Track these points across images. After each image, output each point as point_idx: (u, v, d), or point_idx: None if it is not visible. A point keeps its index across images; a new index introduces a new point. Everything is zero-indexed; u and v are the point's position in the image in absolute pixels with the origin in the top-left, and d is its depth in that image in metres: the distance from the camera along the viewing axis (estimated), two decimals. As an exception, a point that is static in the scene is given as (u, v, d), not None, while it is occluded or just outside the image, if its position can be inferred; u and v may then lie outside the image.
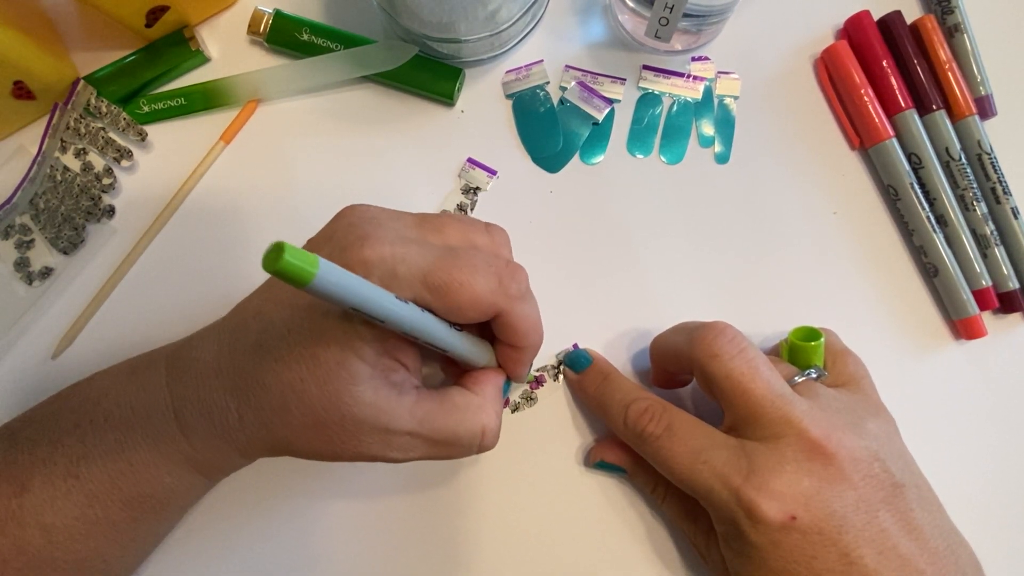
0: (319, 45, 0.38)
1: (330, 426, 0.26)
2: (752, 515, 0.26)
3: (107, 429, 0.28)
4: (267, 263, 0.19)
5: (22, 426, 0.29)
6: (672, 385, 0.35)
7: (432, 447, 0.28)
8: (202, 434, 0.28)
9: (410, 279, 0.25)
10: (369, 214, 0.27)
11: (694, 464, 0.28)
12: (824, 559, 0.26)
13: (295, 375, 0.26)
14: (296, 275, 0.19)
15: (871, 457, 0.27)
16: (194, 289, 0.37)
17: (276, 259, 0.19)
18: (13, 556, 0.27)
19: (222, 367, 0.27)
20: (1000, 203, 0.38)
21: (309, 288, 0.20)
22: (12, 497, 0.27)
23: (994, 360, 0.38)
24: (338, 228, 0.27)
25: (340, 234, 0.27)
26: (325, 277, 0.20)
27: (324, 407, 0.26)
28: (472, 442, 0.28)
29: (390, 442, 0.27)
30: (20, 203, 0.36)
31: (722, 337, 0.29)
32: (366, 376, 0.26)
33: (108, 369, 0.31)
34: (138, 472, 0.28)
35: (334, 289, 0.21)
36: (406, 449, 0.27)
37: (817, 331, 0.32)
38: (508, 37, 0.38)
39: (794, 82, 0.40)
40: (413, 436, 0.27)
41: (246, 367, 0.27)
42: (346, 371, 0.25)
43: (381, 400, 0.26)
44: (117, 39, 0.38)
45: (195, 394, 0.28)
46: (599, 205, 0.38)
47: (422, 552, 0.35)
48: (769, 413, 0.27)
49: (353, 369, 0.25)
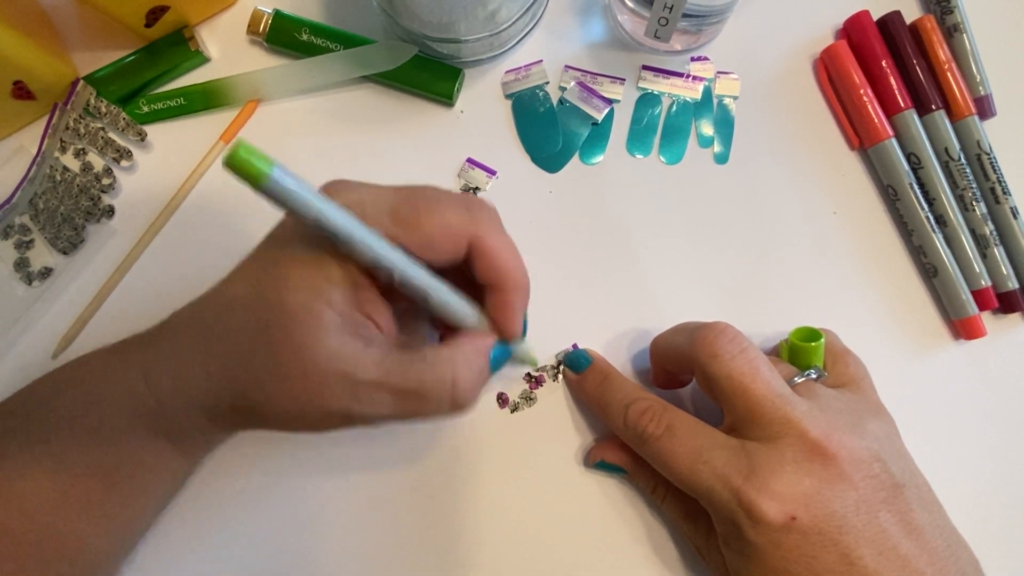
0: (319, 45, 0.38)
1: (294, 378, 0.25)
2: (752, 515, 0.26)
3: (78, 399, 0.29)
4: (225, 158, 0.18)
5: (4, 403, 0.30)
6: (672, 385, 0.35)
7: (400, 401, 0.26)
8: (169, 395, 0.27)
9: (377, 215, 0.25)
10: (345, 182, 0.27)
11: (694, 464, 0.28)
12: (824, 559, 0.26)
13: (259, 320, 0.25)
14: (250, 171, 0.19)
15: (871, 457, 0.27)
16: (194, 289, 0.37)
17: (232, 154, 0.18)
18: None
19: (192, 328, 0.28)
20: (999, 203, 0.38)
21: (264, 187, 0.19)
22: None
23: (994, 360, 0.38)
24: None
25: None
26: (281, 179, 0.20)
27: (288, 354, 0.25)
28: (442, 395, 0.26)
29: (356, 394, 0.25)
30: (20, 203, 0.36)
31: (723, 337, 0.29)
32: (333, 324, 0.25)
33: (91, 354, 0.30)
34: (109, 440, 0.28)
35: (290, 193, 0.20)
36: (373, 403, 0.25)
37: (817, 331, 0.32)
38: (508, 37, 0.38)
39: (794, 82, 0.40)
40: (379, 387, 0.25)
41: (213, 320, 0.27)
42: (312, 317, 0.24)
43: (347, 348, 0.25)
44: (117, 39, 0.38)
45: (165, 361, 0.28)
46: (598, 205, 0.38)
47: (421, 552, 0.35)
48: (769, 413, 0.27)
49: (319, 315, 0.24)
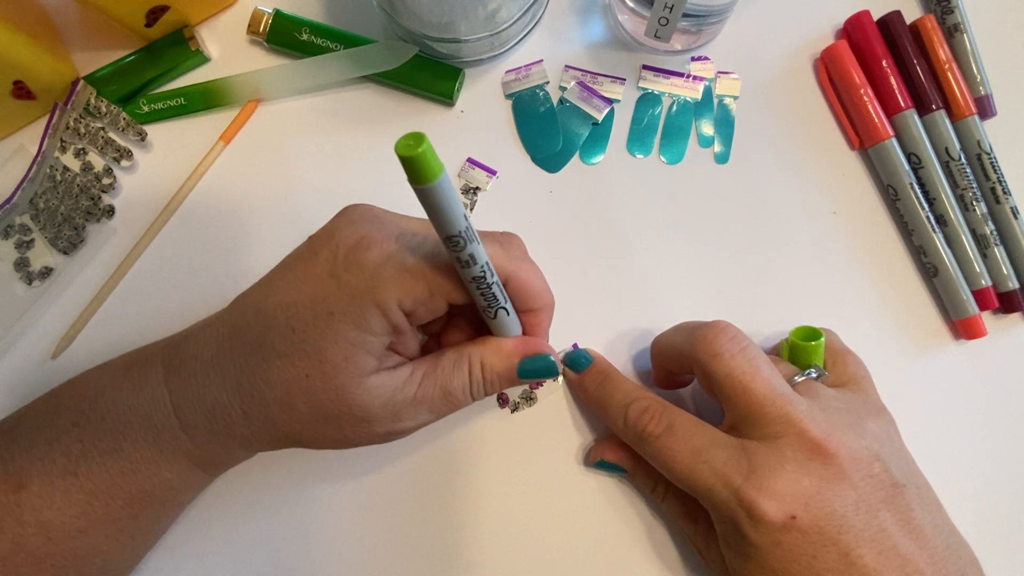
0: (319, 45, 0.38)
1: (339, 416, 0.27)
2: (752, 514, 0.26)
3: (105, 428, 0.28)
4: (403, 147, 0.19)
5: (17, 423, 0.29)
6: (674, 386, 0.35)
7: (435, 408, 0.29)
8: (204, 431, 0.28)
9: (419, 265, 0.26)
10: (372, 213, 0.28)
11: (694, 464, 0.28)
12: (824, 559, 0.26)
13: (300, 371, 0.26)
14: (427, 167, 0.19)
15: (871, 457, 0.27)
16: (194, 289, 0.37)
17: (416, 146, 0.19)
18: (11, 553, 0.27)
19: (223, 365, 0.27)
20: (1000, 203, 0.38)
21: (432, 187, 0.20)
22: (9, 494, 0.27)
23: (994, 360, 0.38)
24: (340, 225, 0.28)
25: (341, 232, 0.27)
26: (448, 184, 0.20)
27: (331, 400, 0.26)
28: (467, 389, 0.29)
29: (398, 415, 0.28)
30: (20, 203, 0.36)
31: (723, 335, 0.29)
32: (372, 369, 0.27)
33: (103, 365, 0.31)
34: (138, 470, 0.28)
35: (451, 201, 0.21)
36: (415, 418, 0.28)
37: (817, 331, 0.32)
38: (508, 37, 0.38)
39: (794, 82, 0.40)
40: (416, 403, 0.28)
41: (248, 365, 0.27)
42: (353, 366, 0.26)
43: (384, 382, 0.27)
44: (117, 39, 0.38)
45: (196, 393, 0.28)
46: (599, 205, 0.38)
47: (422, 553, 0.35)
48: (769, 412, 0.27)
49: (360, 364, 0.26)
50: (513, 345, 0.30)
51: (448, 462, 0.35)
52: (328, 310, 0.26)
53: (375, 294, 0.26)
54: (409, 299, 0.26)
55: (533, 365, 0.30)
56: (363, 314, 0.26)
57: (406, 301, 0.26)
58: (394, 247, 0.26)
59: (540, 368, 0.30)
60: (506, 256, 0.28)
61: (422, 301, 0.27)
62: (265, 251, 0.37)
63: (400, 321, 0.27)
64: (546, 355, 0.31)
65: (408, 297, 0.26)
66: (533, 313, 0.30)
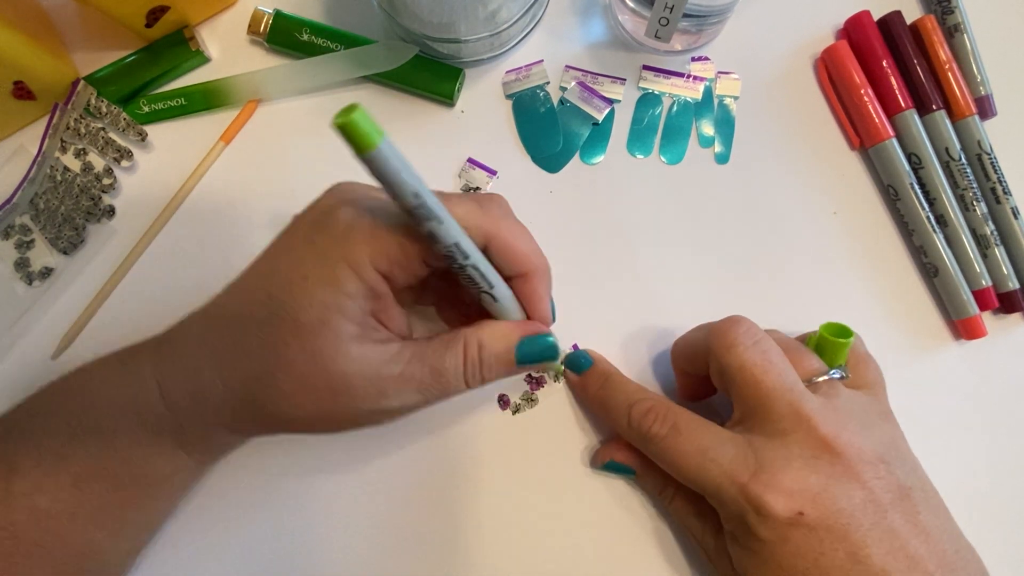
0: (319, 45, 0.38)
1: (317, 385, 0.25)
2: (760, 510, 0.26)
3: (94, 409, 0.28)
4: (338, 119, 0.19)
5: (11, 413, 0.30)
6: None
7: (424, 386, 0.27)
8: (189, 413, 0.28)
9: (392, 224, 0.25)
10: (355, 186, 0.28)
11: (702, 462, 0.28)
12: (832, 556, 0.26)
13: (277, 338, 0.25)
14: (362, 136, 0.19)
15: (878, 459, 0.27)
16: (194, 289, 0.37)
17: (347, 116, 0.19)
18: (1, 540, 0.27)
19: (205, 342, 0.27)
20: (1000, 203, 0.38)
21: (370, 156, 0.20)
22: (1, 479, 0.27)
23: (994, 360, 0.38)
24: (321, 198, 0.27)
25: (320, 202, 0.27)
26: (389, 150, 0.20)
27: (308, 367, 0.25)
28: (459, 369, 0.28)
29: (383, 390, 0.26)
30: (20, 203, 0.36)
31: (737, 327, 0.29)
32: (351, 334, 0.25)
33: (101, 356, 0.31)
34: (126, 453, 0.28)
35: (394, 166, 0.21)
36: (400, 396, 0.26)
37: (848, 329, 0.31)
38: (508, 37, 0.38)
39: (794, 82, 0.40)
40: (403, 379, 0.26)
41: (230, 337, 0.27)
42: (330, 330, 0.25)
43: (367, 352, 0.26)
44: (117, 39, 0.38)
45: (182, 372, 0.28)
46: (599, 205, 0.38)
47: (424, 555, 0.35)
48: (779, 407, 0.27)
49: (337, 328, 0.25)
50: (512, 326, 0.29)
51: (449, 464, 0.35)
52: (302, 274, 0.25)
53: (348, 253, 0.25)
54: (382, 257, 0.25)
55: (533, 346, 0.29)
56: (335, 274, 0.25)
57: (379, 260, 0.25)
58: (367, 207, 0.25)
59: (540, 349, 0.29)
60: (484, 215, 0.26)
61: (396, 260, 0.25)
62: (265, 251, 0.37)
63: (376, 282, 0.26)
64: (546, 335, 0.29)
65: (381, 255, 0.25)
66: (525, 279, 0.28)
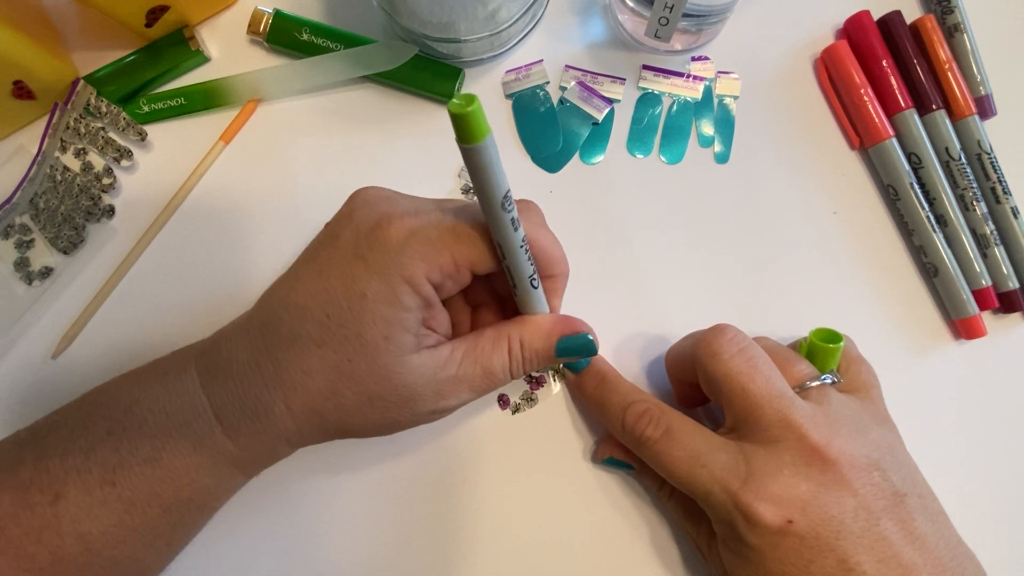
0: (319, 45, 0.38)
1: (385, 397, 0.27)
2: (749, 518, 0.26)
3: (142, 436, 0.27)
4: (455, 106, 0.20)
5: (48, 432, 0.29)
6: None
7: (476, 385, 0.29)
8: (248, 433, 0.28)
9: (443, 238, 0.26)
10: (383, 194, 0.28)
11: (692, 468, 0.28)
12: (821, 564, 0.26)
13: (341, 357, 0.26)
14: (477, 125, 0.21)
15: (871, 466, 0.27)
16: (194, 289, 0.37)
17: (466, 105, 0.20)
18: (50, 565, 0.26)
19: (260, 363, 0.27)
20: (1000, 203, 0.38)
21: (479, 147, 0.21)
22: (47, 505, 0.26)
23: (994, 360, 0.38)
24: (355, 207, 0.28)
25: (358, 214, 0.27)
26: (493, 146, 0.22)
27: (376, 382, 0.26)
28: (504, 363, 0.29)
29: (442, 392, 0.28)
30: (20, 203, 0.36)
31: (722, 336, 0.29)
32: (410, 345, 0.27)
33: (133, 372, 0.30)
34: (178, 478, 0.28)
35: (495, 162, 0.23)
36: (458, 395, 0.28)
37: (838, 334, 0.31)
38: (508, 37, 0.38)
39: (794, 82, 0.40)
40: (458, 380, 0.28)
41: (287, 358, 0.27)
42: (394, 344, 0.26)
43: (425, 359, 0.27)
44: (117, 39, 0.38)
45: (236, 396, 0.27)
46: (598, 205, 0.38)
47: (424, 555, 0.35)
48: (768, 414, 0.27)
49: (400, 341, 0.26)
50: (551, 323, 0.30)
51: (449, 463, 0.35)
52: (360, 292, 0.26)
53: (403, 270, 0.26)
54: (436, 271, 0.26)
55: (571, 343, 0.30)
56: (395, 291, 0.26)
57: (434, 274, 0.26)
58: (415, 222, 0.26)
59: (579, 346, 0.30)
60: (527, 222, 0.28)
61: (449, 273, 0.27)
62: (265, 251, 0.37)
63: (430, 294, 0.27)
64: (584, 334, 0.30)
65: (435, 269, 0.26)
66: (551, 279, 0.30)
